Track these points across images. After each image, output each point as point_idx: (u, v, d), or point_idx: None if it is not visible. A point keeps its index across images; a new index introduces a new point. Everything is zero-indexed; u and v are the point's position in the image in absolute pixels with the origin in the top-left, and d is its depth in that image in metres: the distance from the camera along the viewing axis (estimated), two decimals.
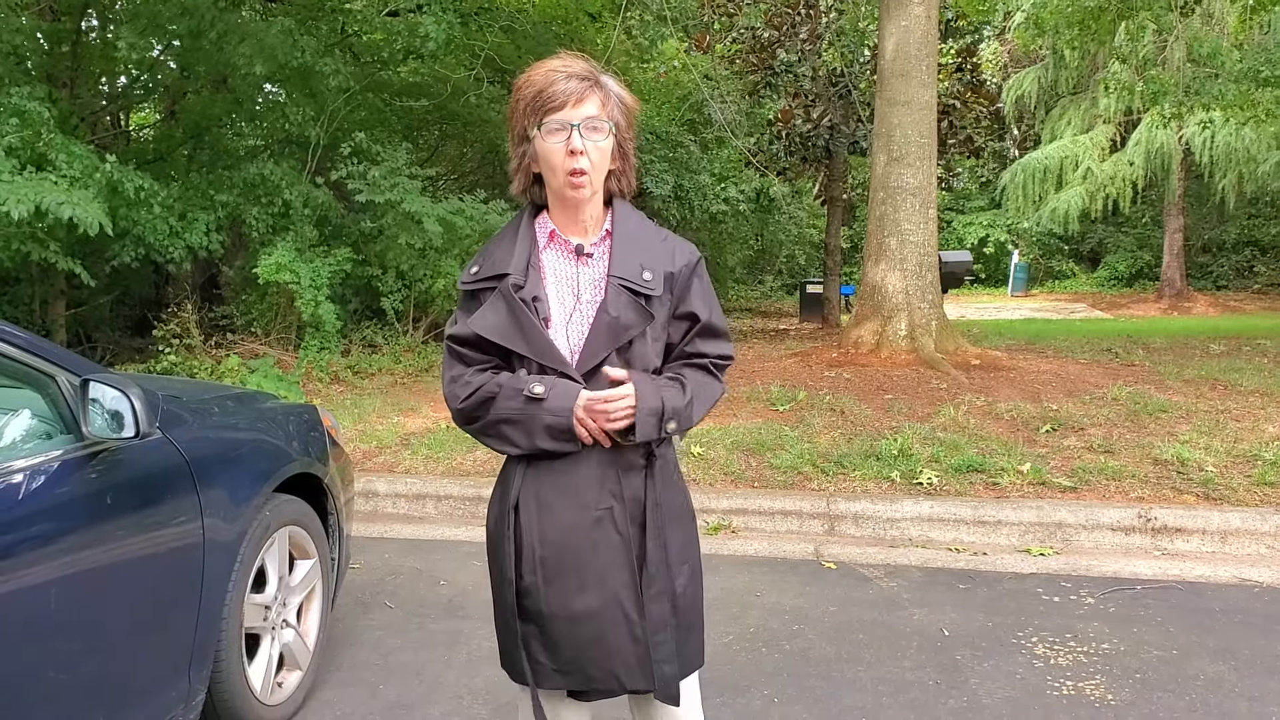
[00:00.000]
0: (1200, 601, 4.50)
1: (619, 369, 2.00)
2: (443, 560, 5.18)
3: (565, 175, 1.95)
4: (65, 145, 8.41)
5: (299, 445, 3.60)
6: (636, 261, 2.03)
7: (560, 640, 2.02)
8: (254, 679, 3.16)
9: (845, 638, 4.12)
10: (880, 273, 9.50)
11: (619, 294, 2.00)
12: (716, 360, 2.15)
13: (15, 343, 2.47)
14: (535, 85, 1.96)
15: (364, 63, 12.97)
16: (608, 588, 2.00)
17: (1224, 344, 11.14)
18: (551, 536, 2.00)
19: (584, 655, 2.02)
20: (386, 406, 8.17)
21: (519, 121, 2.00)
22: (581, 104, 1.94)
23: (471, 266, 2.07)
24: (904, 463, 6.13)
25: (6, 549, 2.20)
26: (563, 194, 1.99)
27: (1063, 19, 12.07)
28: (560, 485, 2.01)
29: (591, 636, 2.01)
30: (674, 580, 2.07)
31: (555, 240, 2.06)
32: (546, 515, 2.01)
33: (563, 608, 2.01)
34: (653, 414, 1.97)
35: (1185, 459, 5.96)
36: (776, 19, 16.90)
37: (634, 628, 2.01)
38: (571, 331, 2.02)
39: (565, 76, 1.95)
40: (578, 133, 1.93)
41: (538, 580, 2.01)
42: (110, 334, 12.66)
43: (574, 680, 2.04)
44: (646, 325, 2.02)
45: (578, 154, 1.93)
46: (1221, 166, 22.31)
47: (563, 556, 2.00)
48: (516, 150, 2.04)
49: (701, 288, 2.12)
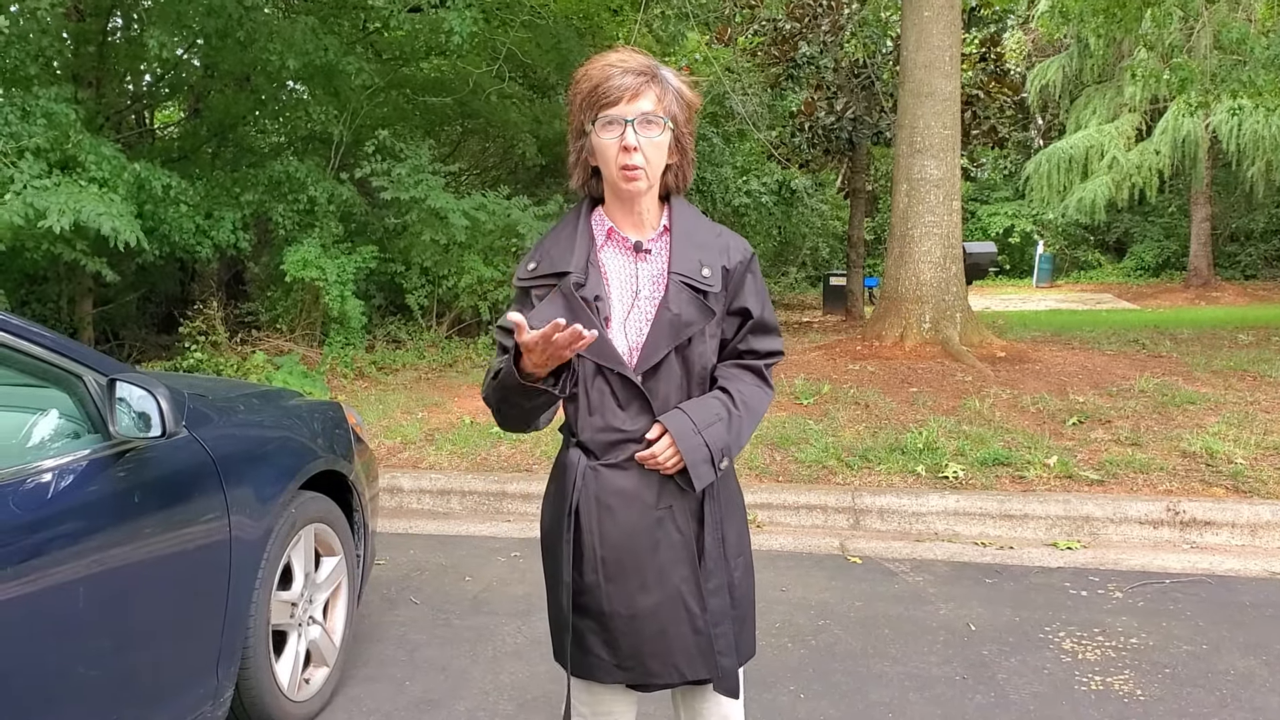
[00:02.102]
0: (1230, 595, 4.47)
1: (654, 429, 1.98)
2: (468, 556, 5.19)
3: (619, 169, 1.94)
4: (94, 146, 8.48)
5: (324, 442, 3.61)
6: (696, 258, 2.02)
7: (621, 637, 2.03)
8: (281, 675, 3.18)
9: (871, 633, 4.11)
10: (904, 265, 9.45)
11: (680, 291, 1.99)
12: (767, 358, 2.14)
13: (43, 343, 2.48)
14: (592, 80, 1.95)
15: (386, 59, 13.00)
16: (669, 584, 2.01)
17: (1253, 334, 11.03)
18: (613, 538, 2.00)
19: (645, 650, 2.02)
20: (411, 402, 8.20)
21: (576, 116, 1.99)
22: (637, 99, 1.93)
23: (528, 263, 2.05)
24: (929, 456, 6.10)
25: (37, 548, 2.22)
26: (617, 186, 1.98)
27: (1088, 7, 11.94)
28: (620, 487, 2.00)
29: (654, 632, 2.01)
30: (732, 573, 2.09)
31: (613, 237, 2.05)
32: (607, 517, 2.00)
33: (625, 606, 2.01)
34: (704, 461, 1.97)
35: (1214, 451, 5.91)
36: (798, 11, 16.82)
37: (695, 620, 2.02)
38: (630, 329, 2.01)
39: (622, 72, 1.94)
40: (631, 129, 1.92)
41: (599, 579, 2.01)
42: (137, 331, 12.76)
43: (634, 675, 2.05)
44: (707, 322, 2.01)
45: (631, 150, 1.93)
46: (1249, 154, 22.07)
47: (624, 558, 2.00)
48: (575, 144, 2.03)
49: (755, 284, 2.11)
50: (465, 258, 10.70)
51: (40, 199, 7.60)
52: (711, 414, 2.00)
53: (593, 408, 2.00)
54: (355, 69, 10.46)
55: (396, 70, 13.06)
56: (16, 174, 7.77)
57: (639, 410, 1.99)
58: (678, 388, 2.02)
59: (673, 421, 1.97)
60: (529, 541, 5.40)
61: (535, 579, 4.74)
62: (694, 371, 2.03)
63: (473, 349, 10.79)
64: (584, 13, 13.47)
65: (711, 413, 2.00)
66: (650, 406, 1.99)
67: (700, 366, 2.03)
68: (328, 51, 10.16)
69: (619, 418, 1.99)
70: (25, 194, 7.63)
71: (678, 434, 1.96)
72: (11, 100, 8.51)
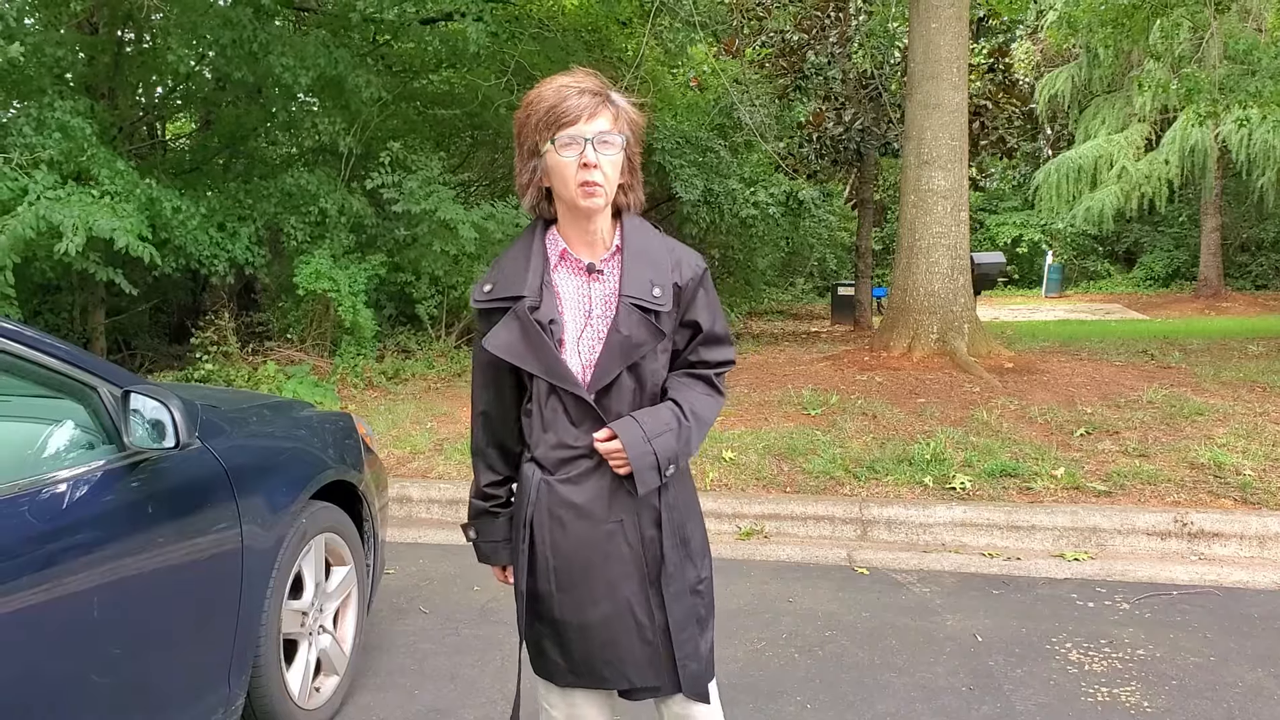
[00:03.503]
0: (1238, 607, 4.47)
1: (603, 430, 2.03)
2: (477, 566, 5.19)
3: (578, 186, 1.98)
4: (109, 160, 8.53)
5: (334, 453, 3.65)
6: (647, 278, 2.06)
7: (573, 645, 2.12)
8: (292, 684, 3.21)
9: (878, 644, 4.12)
10: (912, 276, 9.47)
11: (630, 313, 2.03)
12: (718, 368, 2.21)
13: (58, 354, 2.52)
14: (547, 101, 1.99)
15: (396, 71, 13.06)
16: (619, 597, 2.08)
17: (1263, 345, 11.01)
18: (565, 550, 2.08)
19: (596, 658, 2.12)
20: (420, 411, 8.23)
21: (530, 136, 2.03)
22: (594, 119, 1.98)
23: (484, 285, 2.10)
24: (937, 467, 6.11)
25: (52, 557, 2.25)
26: (575, 204, 2.01)
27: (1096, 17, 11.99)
28: (572, 501, 2.07)
29: (604, 641, 2.10)
30: (700, 574, 2.17)
31: (567, 259, 2.09)
32: (559, 530, 2.07)
33: (576, 615, 2.09)
34: (650, 468, 2.02)
35: (1222, 462, 5.91)
36: (806, 22, 16.85)
37: (644, 632, 2.10)
38: (583, 348, 2.06)
39: (578, 92, 1.98)
40: (591, 146, 1.97)
41: (551, 588, 2.10)
42: (149, 341, 12.83)
43: (588, 680, 2.15)
44: (657, 343, 2.07)
45: (591, 167, 1.97)
46: (1259, 164, 22.04)
47: (575, 569, 2.08)
48: (526, 165, 2.07)
49: (707, 298, 2.16)
50: (475, 268, 10.74)
51: (53, 212, 7.65)
52: (662, 424, 2.06)
53: (546, 425, 2.07)
54: (365, 82, 10.52)
55: (406, 83, 13.13)
56: (31, 184, 7.83)
57: (591, 427, 2.05)
58: (630, 404, 2.08)
59: (624, 429, 2.02)
60: None
61: None
62: (646, 387, 2.09)
63: None
64: (592, 25, 13.53)
65: (662, 422, 2.06)
66: (603, 423, 2.05)
67: (652, 383, 2.10)
68: (338, 65, 10.22)
69: (571, 434, 2.06)
70: (38, 205, 7.67)
71: (628, 442, 2.01)
72: (27, 112, 8.58)
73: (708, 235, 15.03)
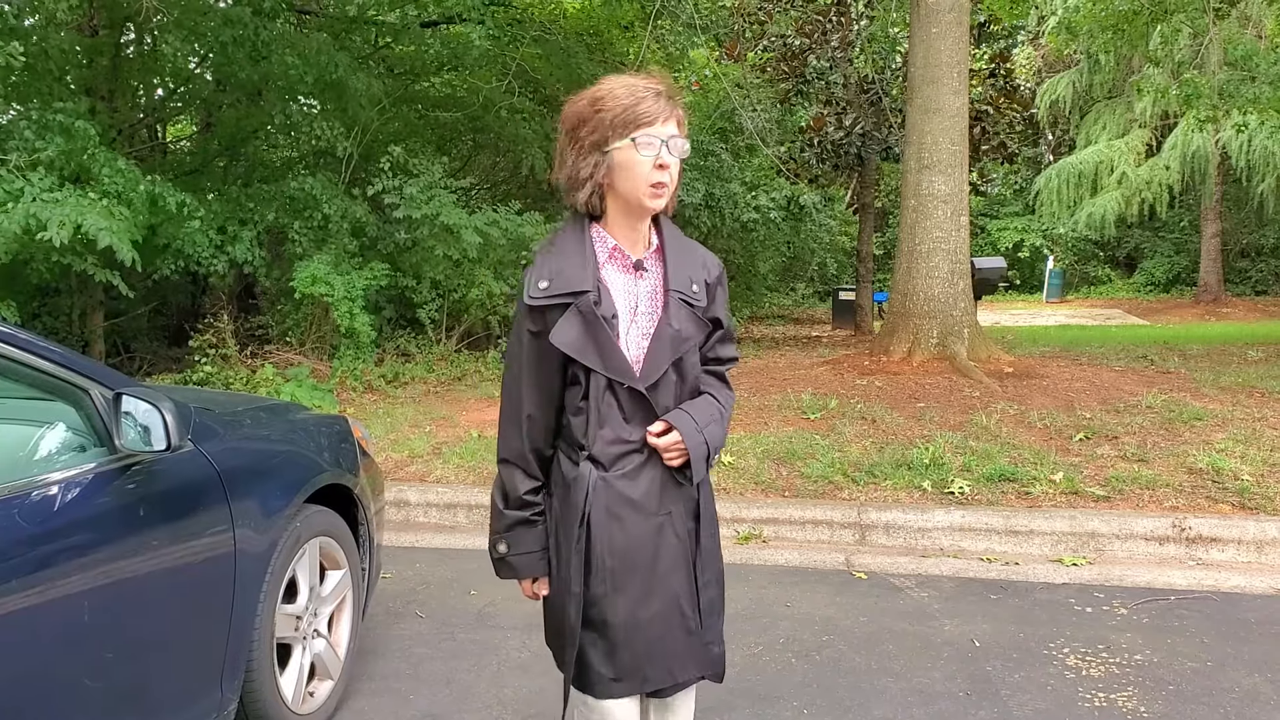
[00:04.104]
0: (1236, 612, 4.46)
1: (658, 424, 2.10)
2: (474, 570, 5.20)
3: (648, 186, 2.03)
4: (110, 160, 8.53)
5: (329, 456, 3.63)
6: (687, 275, 2.14)
7: (622, 648, 2.12)
8: (285, 688, 3.20)
9: (876, 648, 4.11)
10: (912, 280, 9.46)
11: (679, 307, 2.11)
12: (729, 363, 2.31)
13: (50, 356, 2.51)
14: (623, 100, 2.02)
15: (398, 74, 13.07)
16: (669, 591, 2.14)
17: (1262, 350, 11.00)
18: (621, 547, 2.10)
19: (643, 657, 2.13)
20: (419, 415, 8.22)
21: (600, 132, 2.04)
22: (668, 122, 2.04)
23: (538, 281, 2.06)
24: (936, 472, 6.10)
25: (43, 560, 2.24)
26: (641, 203, 2.06)
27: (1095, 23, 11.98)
28: (629, 497, 2.11)
29: (653, 638, 2.13)
30: (720, 563, 2.29)
31: (615, 256, 2.13)
32: (617, 527, 2.10)
33: (629, 615, 2.11)
34: (702, 458, 2.12)
35: (1221, 468, 5.90)
36: (807, 26, 16.85)
37: (689, 623, 2.17)
38: (630, 343, 2.10)
39: (654, 94, 2.03)
40: (666, 148, 2.03)
41: (606, 590, 2.11)
42: (148, 344, 12.82)
43: (630, 686, 2.15)
44: (702, 335, 2.17)
45: (664, 168, 2.03)
46: (1259, 170, 22.06)
47: (630, 567, 2.12)
48: (585, 160, 2.07)
49: (724, 295, 2.26)
50: (476, 272, 10.73)
51: (43, 210, 7.64)
52: (708, 415, 2.16)
53: (602, 420, 2.09)
54: (364, 85, 10.51)
55: (408, 86, 13.13)
56: (27, 186, 7.82)
57: (643, 421, 2.10)
58: (674, 397, 2.14)
59: (679, 421, 2.10)
60: None
61: None
62: (687, 380, 2.16)
63: (482, 362, 10.80)
64: (594, 29, 13.54)
65: (708, 414, 2.16)
66: (654, 417, 2.09)
67: (693, 375, 2.18)
68: (339, 67, 10.22)
69: (625, 429, 2.09)
70: (31, 205, 7.66)
71: (685, 432, 2.09)
72: (27, 114, 8.58)
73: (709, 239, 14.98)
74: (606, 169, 2.05)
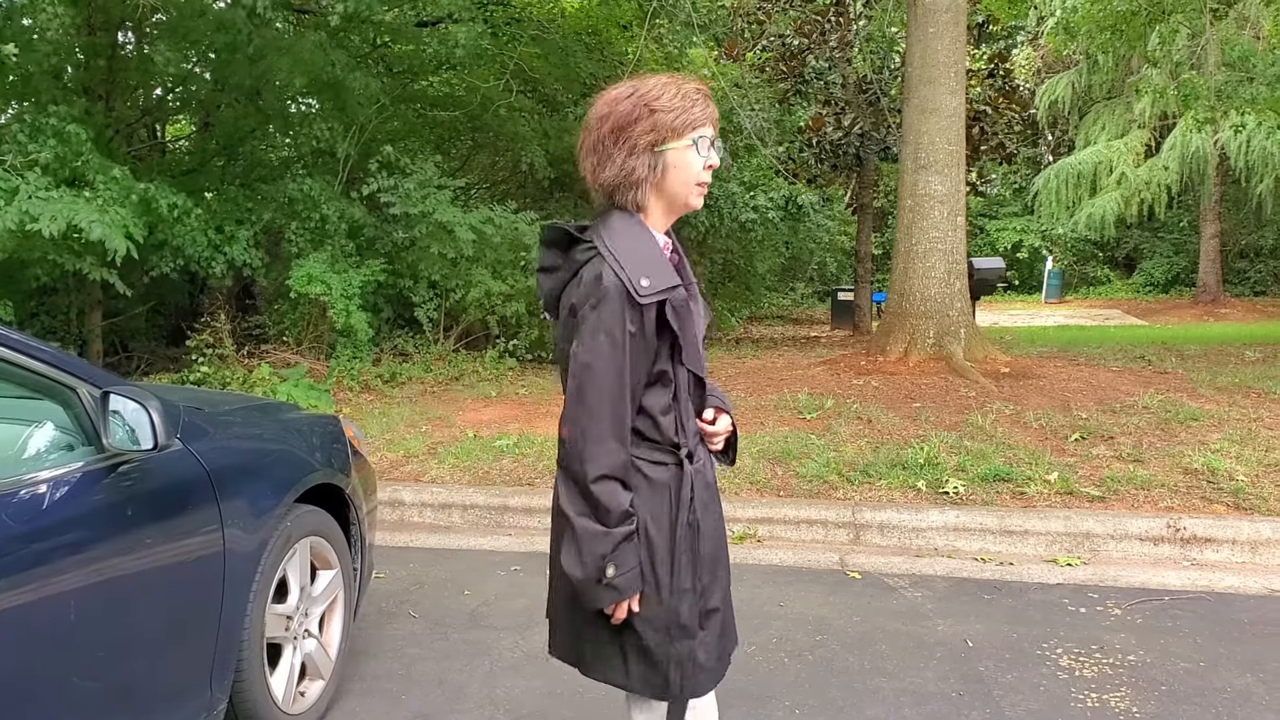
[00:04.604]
0: (1229, 612, 4.45)
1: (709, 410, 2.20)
2: (468, 570, 5.20)
3: (696, 186, 2.09)
4: (103, 166, 8.53)
5: (321, 456, 3.63)
6: (690, 269, 2.21)
7: (713, 636, 2.16)
8: (276, 688, 3.19)
9: (869, 648, 4.10)
10: (908, 281, 9.46)
11: (700, 298, 2.20)
12: None
13: (38, 355, 2.51)
14: (678, 101, 2.04)
15: (396, 73, 13.06)
16: (729, 567, 2.25)
17: (1259, 351, 11.00)
18: (712, 532, 2.16)
19: (731, 637, 2.23)
20: (415, 415, 8.21)
21: (659, 132, 2.03)
22: (715, 126, 2.11)
23: (640, 279, 1.98)
24: (930, 472, 6.10)
25: (29, 559, 2.24)
26: (686, 202, 2.12)
27: (1093, 23, 11.97)
28: (710, 482, 2.19)
29: (728, 620, 2.22)
30: None
31: (665, 251, 2.15)
32: (708, 515, 2.15)
33: (721, 601, 2.18)
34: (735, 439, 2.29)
35: (1216, 468, 5.89)
36: (806, 26, 16.86)
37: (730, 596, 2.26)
38: None
39: (705, 98, 2.08)
40: (713, 149, 2.09)
41: (708, 579, 2.16)
42: (146, 344, 12.81)
43: (723, 667, 2.20)
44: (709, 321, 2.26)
45: (712, 168, 2.10)
46: (1258, 170, 22.07)
47: (718, 548, 2.19)
48: (637, 159, 2.04)
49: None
50: (473, 271, 10.71)
51: (35, 206, 7.65)
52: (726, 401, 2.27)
53: (687, 415, 2.14)
54: (361, 85, 10.51)
55: (406, 85, 13.12)
56: (23, 185, 7.82)
57: (698, 410, 2.18)
58: None
59: (725, 406, 2.24)
60: (529, 555, 5.41)
61: (535, 593, 4.74)
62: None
63: (479, 362, 10.78)
64: (593, 28, 13.52)
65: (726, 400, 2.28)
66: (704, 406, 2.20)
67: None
68: (335, 67, 10.21)
69: (693, 421, 2.17)
70: (26, 202, 7.67)
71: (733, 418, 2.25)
72: (20, 118, 8.58)
73: (707, 239, 14.99)
74: (661, 168, 2.06)
